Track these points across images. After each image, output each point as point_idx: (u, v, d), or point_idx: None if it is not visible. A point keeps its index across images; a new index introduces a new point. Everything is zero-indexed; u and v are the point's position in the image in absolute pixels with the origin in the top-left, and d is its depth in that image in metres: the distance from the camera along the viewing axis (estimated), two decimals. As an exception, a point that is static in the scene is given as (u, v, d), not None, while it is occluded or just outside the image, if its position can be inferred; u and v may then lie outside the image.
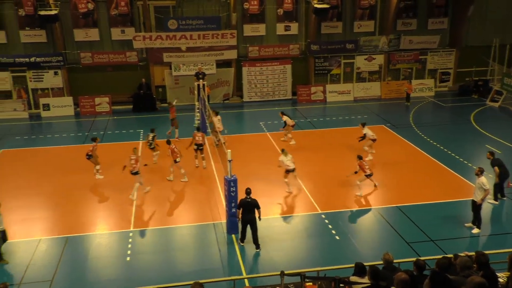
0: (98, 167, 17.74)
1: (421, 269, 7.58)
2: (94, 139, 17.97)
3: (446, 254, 9.88)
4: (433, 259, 8.23)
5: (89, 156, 17.51)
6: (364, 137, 18.95)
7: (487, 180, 13.46)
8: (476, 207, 13.48)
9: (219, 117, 20.56)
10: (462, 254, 7.79)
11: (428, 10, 29.53)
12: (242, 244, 13.16)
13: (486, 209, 14.97)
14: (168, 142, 17.53)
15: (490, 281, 5.78)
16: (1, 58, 25.62)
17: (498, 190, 15.39)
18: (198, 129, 19.00)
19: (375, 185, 16.55)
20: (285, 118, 20.93)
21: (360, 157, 16.15)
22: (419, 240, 13.20)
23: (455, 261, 7.61)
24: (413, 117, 25.23)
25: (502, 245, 12.50)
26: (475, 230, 13.55)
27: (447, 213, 14.67)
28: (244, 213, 12.77)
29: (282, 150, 16.51)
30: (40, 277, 11.95)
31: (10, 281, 11.00)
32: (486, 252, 7.36)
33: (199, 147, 18.20)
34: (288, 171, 16.13)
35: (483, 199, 13.31)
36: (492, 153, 15.64)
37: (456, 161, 18.81)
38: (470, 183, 16.58)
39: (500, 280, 7.00)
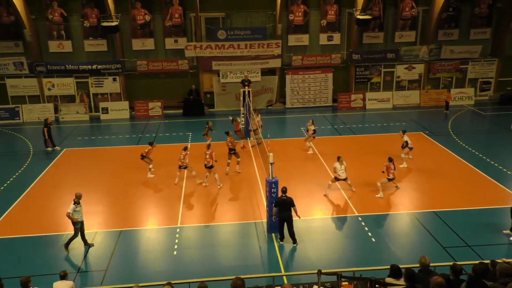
0: (151, 166, 18.14)
1: (457, 274, 7.30)
2: (151, 143, 18.32)
3: (483, 260, 9.45)
4: (470, 264, 7.89)
5: (142, 157, 17.94)
6: (406, 144, 18.43)
7: None
8: None
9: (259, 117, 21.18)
10: (500, 261, 7.43)
11: (471, 21, 28.53)
12: (281, 242, 13.10)
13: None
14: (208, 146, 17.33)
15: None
16: (67, 65, 26.73)
17: None
18: (227, 133, 18.91)
19: (396, 186, 16.45)
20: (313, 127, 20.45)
21: (390, 159, 15.94)
22: (455, 245, 12.73)
23: (493, 268, 7.28)
24: (451, 125, 24.41)
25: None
26: None
27: (485, 220, 14.08)
28: (280, 210, 12.75)
29: (338, 158, 15.98)
30: (95, 267, 12.33)
31: (69, 269, 11.37)
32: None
33: (231, 151, 18.16)
34: (337, 179, 15.91)
35: None
36: None
37: (495, 169, 18.04)
38: (509, 190, 15.88)
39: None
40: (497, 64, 29.06)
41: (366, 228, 13.88)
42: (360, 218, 14.48)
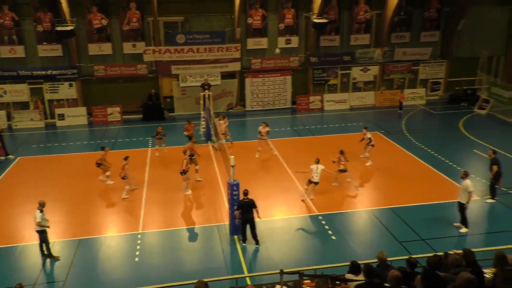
0: (108, 173, 17.66)
1: (413, 267, 7.51)
2: (103, 148, 17.94)
3: (437, 252, 9.77)
4: (424, 257, 8.14)
5: (98, 164, 17.46)
6: (370, 140, 18.93)
7: (471, 183, 13.38)
8: (462, 208, 13.43)
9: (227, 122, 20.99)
10: (451, 253, 7.70)
11: (421, 24, 29.53)
12: (244, 244, 13.09)
13: (476, 209, 14.92)
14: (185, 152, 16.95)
15: (477, 277, 5.70)
16: (20, 71, 25.74)
17: (494, 189, 15.36)
18: (190, 138, 18.85)
19: (355, 186, 16.73)
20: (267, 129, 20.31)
21: (341, 152, 16.58)
22: (410, 240, 13.12)
23: (445, 259, 7.53)
24: (405, 124, 25.16)
25: (489, 243, 12.42)
26: (463, 230, 13.53)
27: (437, 214, 14.60)
28: (243, 213, 12.76)
29: (317, 160, 15.66)
30: (53, 278, 11.94)
31: (25, 281, 10.90)
32: (474, 250, 7.29)
33: (190, 157, 17.59)
34: (310, 182, 15.58)
35: (468, 202, 13.24)
36: (494, 152, 15.55)
37: (446, 165, 18.72)
38: (459, 185, 16.42)
39: (487, 276, 6.92)
40: (446, 65, 30.18)
41: (327, 227, 14.07)
42: (320, 217, 14.66)
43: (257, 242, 13.04)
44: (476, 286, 5.18)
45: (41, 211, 12.34)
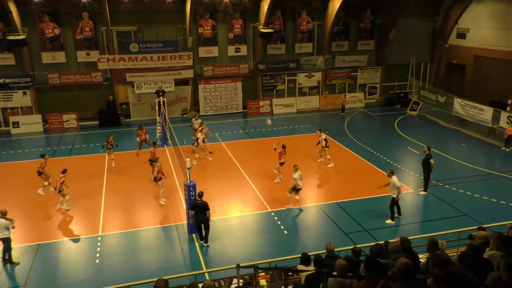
0: (46, 183, 16.54)
1: (357, 255, 7.76)
2: (42, 156, 16.87)
3: (378, 241, 10.16)
4: (368, 246, 8.45)
5: (39, 173, 16.53)
6: (326, 141, 18.95)
7: (397, 179, 14.02)
8: (393, 202, 14.06)
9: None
10: (394, 240, 8.04)
11: (357, 34, 30.55)
12: (202, 242, 13.03)
13: (411, 200, 15.63)
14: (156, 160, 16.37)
15: (413, 261, 5.99)
16: (-29, 80, 24.31)
17: (427, 182, 16.11)
18: (154, 143, 18.38)
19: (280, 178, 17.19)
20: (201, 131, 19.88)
21: (284, 146, 17.18)
22: (355, 231, 13.56)
23: (386, 248, 7.84)
24: (347, 125, 25.93)
25: (423, 231, 13.05)
26: (388, 221, 14.06)
27: (378, 206, 15.13)
28: (196, 214, 12.74)
29: (294, 166, 14.97)
30: (13, 283, 11.37)
31: (-17, 288, 10.38)
32: (410, 237, 7.65)
33: (151, 162, 17.47)
34: (297, 189, 14.91)
35: (398, 195, 13.85)
36: (429, 148, 16.23)
37: (384, 161, 19.47)
38: (396, 180, 17.20)
39: (421, 260, 7.28)
40: (381, 71, 31.41)
41: (279, 222, 14.27)
42: (273, 214, 14.84)
43: (206, 242, 12.96)
44: (412, 269, 5.44)
45: (5, 218, 11.87)
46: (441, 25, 30.85)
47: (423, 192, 16.17)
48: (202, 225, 12.89)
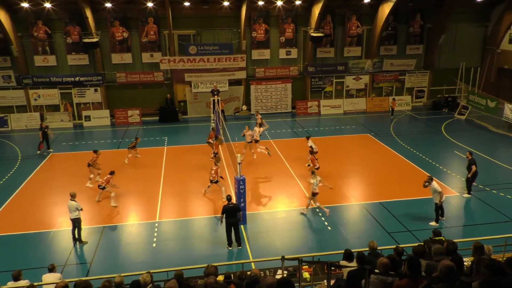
0: (92, 175, 17.05)
1: (399, 255, 7.52)
2: (95, 151, 17.44)
3: (421, 242, 9.79)
4: (410, 246, 8.15)
5: (88, 165, 17.09)
6: (312, 150, 17.61)
7: (437, 185, 13.41)
8: (436, 206, 13.44)
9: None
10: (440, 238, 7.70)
11: (406, 38, 29.48)
12: (229, 248, 12.41)
13: (455, 203, 14.91)
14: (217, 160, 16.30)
15: (457, 264, 5.72)
16: (52, 78, 25.88)
17: (470, 186, 15.32)
18: (216, 138, 18.47)
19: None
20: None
21: (311, 152, 16.84)
22: (398, 231, 13.12)
23: (429, 249, 7.53)
24: (393, 127, 25.13)
25: (467, 235, 12.42)
26: (432, 223, 13.45)
27: (421, 208, 14.55)
28: (227, 217, 12.25)
29: (312, 172, 14.56)
30: (81, 260, 12.02)
31: (57, 262, 10.97)
32: (455, 240, 7.30)
33: (215, 155, 17.73)
34: (314, 194, 14.24)
35: (441, 201, 13.23)
36: (471, 153, 15.51)
37: (429, 164, 18.70)
38: (441, 182, 16.49)
39: (466, 264, 6.94)
40: (429, 75, 30.12)
41: (323, 218, 14.09)
42: (317, 210, 14.66)
43: (239, 244, 12.43)
44: (455, 272, 5.19)
45: (75, 200, 12.47)
46: (493, 30, 29.08)
47: (466, 195, 15.37)
48: (232, 228, 12.36)
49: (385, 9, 26.77)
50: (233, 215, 12.24)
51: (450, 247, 6.87)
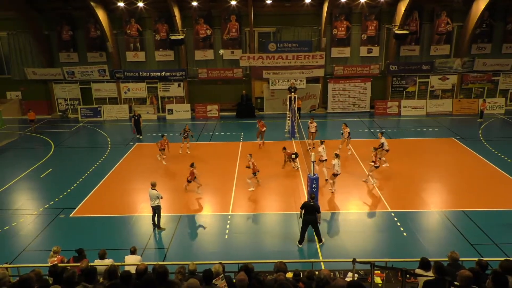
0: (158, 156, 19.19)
1: (483, 268, 6.94)
2: (162, 136, 19.45)
3: (509, 257, 8.93)
4: (496, 261, 7.47)
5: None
6: (382, 146, 17.85)
7: None
8: None
9: (323, 146, 17.31)
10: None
11: (503, 36, 26.99)
12: (300, 246, 12.30)
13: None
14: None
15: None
16: (141, 72, 27.72)
17: None
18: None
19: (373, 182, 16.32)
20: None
21: (375, 148, 16.58)
22: (482, 243, 12.11)
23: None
24: (482, 132, 23.19)
25: None
26: None
27: (511, 220, 13.29)
28: (306, 213, 12.09)
29: (336, 155, 15.48)
30: (159, 245, 12.70)
31: (138, 245, 11.71)
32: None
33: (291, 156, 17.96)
34: (335, 175, 15.37)
35: None
36: None
37: (524, 174, 17.00)
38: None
39: None
40: (528, 76, 27.35)
41: (398, 223, 13.47)
42: (393, 214, 14.07)
43: (320, 241, 12.35)
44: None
45: (155, 189, 13.17)
46: None
47: None
48: (310, 225, 12.24)
49: (480, 5, 24.74)
50: (312, 213, 12.08)
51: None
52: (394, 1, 25.89)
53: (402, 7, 25.16)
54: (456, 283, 5.94)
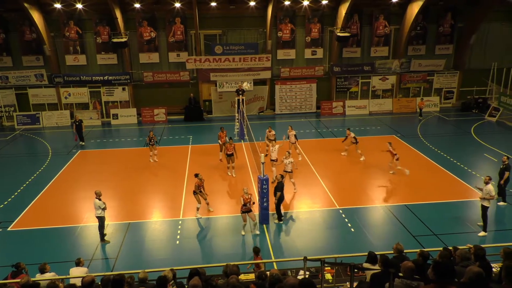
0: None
1: (425, 259, 7.32)
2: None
3: (447, 246, 9.51)
4: (436, 250, 7.93)
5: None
6: (356, 139, 19.24)
7: (493, 188, 12.77)
8: (485, 211, 12.74)
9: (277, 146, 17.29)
10: (465, 247, 7.47)
11: (436, 38, 28.77)
12: (281, 222, 13.78)
13: (489, 210, 14.36)
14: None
15: (485, 271, 5.51)
16: (82, 77, 26.57)
17: (504, 193, 14.66)
18: (230, 138, 18.38)
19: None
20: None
21: (390, 143, 17.70)
22: (423, 234, 12.81)
23: (455, 253, 7.32)
24: (420, 129, 24.56)
25: (498, 241, 11.99)
26: (481, 234, 12.73)
27: (448, 212, 14.18)
28: (282, 193, 13.68)
29: (289, 153, 16.39)
30: (107, 255, 12.24)
31: (84, 257, 11.23)
32: (483, 245, 7.05)
33: (230, 156, 17.69)
34: (286, 171, 15.96)
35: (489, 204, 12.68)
36: (508, 158, 14.86)
37: (458, 167, 18.19)
38: (468, 185, 16.03)
39: (494, 270, 6.69)
40: (458, 76, 29.31)
41: (346, 220, 13.91)
42: (341, 211, 14.50)
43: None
44: (484, 278, 5.00)
45: (99, 199, 12.67)
46: (528, 30, 28.06)
47: (502, 203, 14.64)
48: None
49: (414, 8, 26.22)
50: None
51: (478, 252, 6.63)
52: (335, 4, 26.78)
53: (343, 10, 26.09)
54: (400, 274, 6.21)
